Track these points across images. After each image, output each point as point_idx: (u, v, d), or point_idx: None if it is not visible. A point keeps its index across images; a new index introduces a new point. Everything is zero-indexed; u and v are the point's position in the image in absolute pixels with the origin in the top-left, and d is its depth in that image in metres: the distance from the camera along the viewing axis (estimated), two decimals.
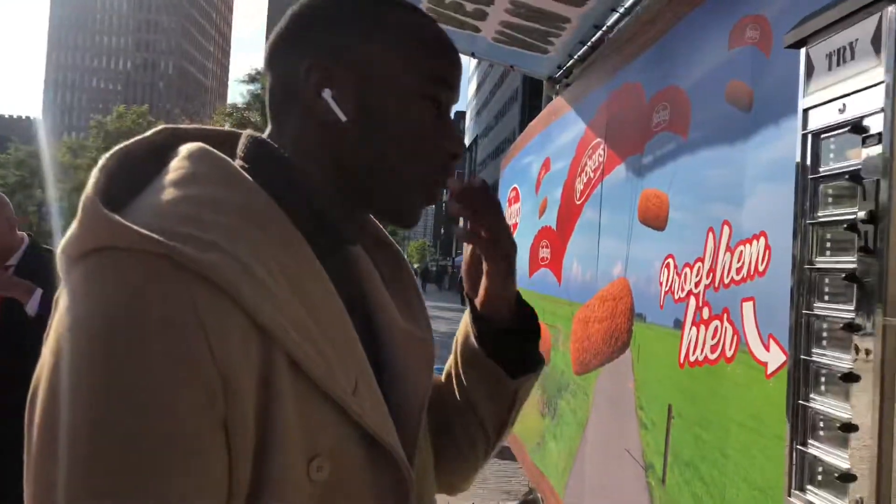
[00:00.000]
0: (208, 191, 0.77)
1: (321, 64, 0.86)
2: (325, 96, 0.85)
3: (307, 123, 0.87)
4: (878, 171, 1.73)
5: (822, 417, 1.96)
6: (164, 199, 0.75)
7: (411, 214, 0.90)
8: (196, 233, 0.71)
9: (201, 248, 0.69)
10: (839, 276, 1.86)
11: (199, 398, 0.65)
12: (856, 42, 1.87)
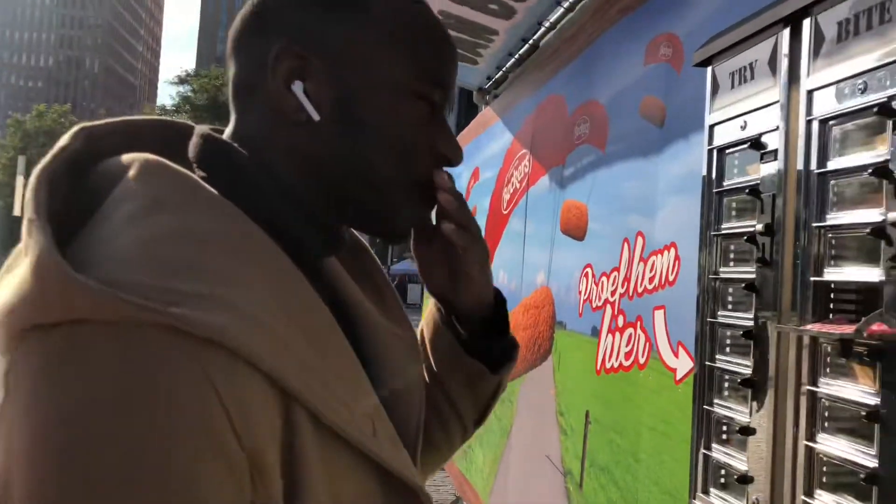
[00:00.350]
0: (183, 224, 0.64)
1: (292, 50, 0.73)
2: (296, 90, 0.73)
3: (274, 121, 0.75)
4: (775, 186, 1.82)
5: (725, 422, 2.04)
6: (134, 242, 0.61)
7: (400, 227, 0.80)
8: (190, 286, 0.59)
9: (204, 308, 0.58)
10: (740, 286, 1.94)
11: (228, 486, 0.57)
12: (755, 62, 1.97)
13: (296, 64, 0.74)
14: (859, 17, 1.59)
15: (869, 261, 1.55)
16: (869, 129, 1.58)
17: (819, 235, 1.68)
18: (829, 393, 1.62)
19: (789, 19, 1.81)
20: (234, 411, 0.57)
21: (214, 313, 0.58)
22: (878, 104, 1.48)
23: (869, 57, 1.54)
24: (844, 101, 1.61)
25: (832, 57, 1.66)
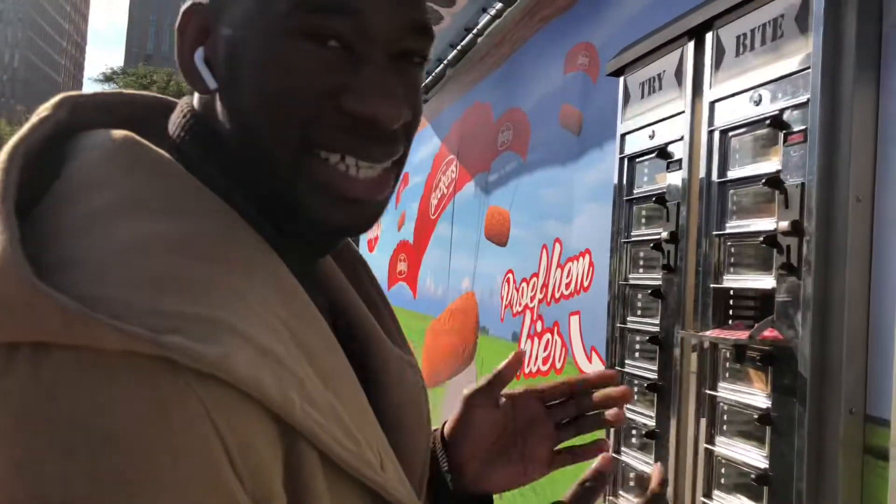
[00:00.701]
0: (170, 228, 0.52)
1: (193, 10, 0.62)
2: (196, 58, 0.61)
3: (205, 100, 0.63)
4: (679, 195, 1.87)
5: (634, 426, 2.08)
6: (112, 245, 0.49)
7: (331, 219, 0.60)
8: (186, 307, 0.48)
9: (204, 335, 0.48)
10: (648, 292, 1.98)
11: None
12: (663, 73, 2.02)
13: (198, 27, 0.62)
14: (755, 32, 1.64)
15: (764, 268, 1.60)
16: (764, 140, 1.63)
17: (719, 243, 1.72)
18: (727, 397, 1.66)
19: (693, 32, 1.86)
20: (235, 451, 0.48)
21: (217, 342, 0.48)
22: (771, 116, 1.54)
23: (764, 71, 1.60)
24: (742, 113, 1.66)
25: (732, 70, 1.72)
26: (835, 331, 1.39)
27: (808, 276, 1.41)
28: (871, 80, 1.38)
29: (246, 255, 0.55)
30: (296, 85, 0.56)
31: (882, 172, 1.37)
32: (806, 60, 1.47)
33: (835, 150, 1.41)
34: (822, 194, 1.41)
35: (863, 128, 1.38)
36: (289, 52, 0.56)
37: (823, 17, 1.42)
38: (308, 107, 0.56)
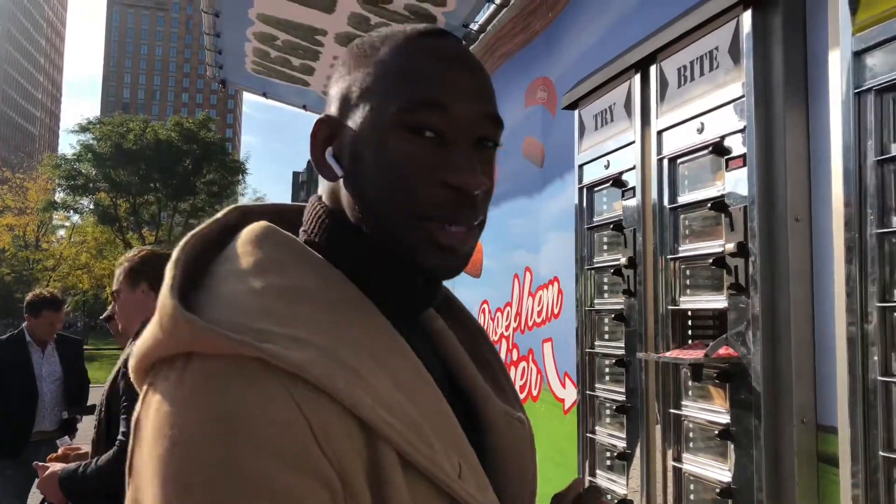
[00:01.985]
0: (282, 281, 0.70)
1: (324, 119, 0.77)
2: (327, 156, 0.76)
3: (329, 188, 0.79)
4: (635, 222, 1.94)
5: (608, 447, 2.12)
6: (238, 292, 0.69)
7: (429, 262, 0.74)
8: (281, 329, 0.65)
9: (291, 346, 0.64)
10: (612, 316, 2.04)
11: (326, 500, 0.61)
12: (614, 105, 2.10)
13: (327, 132, 0.77)
14: (694, 64, 1.73)
15: (717, 289, 1.67)
16: (709, 165, 1.71)
17: (674, 267, 1.79)
18: (690, 415, 1.71)
19: (639, 65, 1.95)
20: (320, 435, 0.62)
21: (300, 351, 0.64)
22: (712, 143, 1.61)
23: (704, 100, 1.68)
24: (687, 141, 1.74)
25: (675, 100, 1.80)
26: (783, 345, 1.45)
27: (756, 295, 1.47)
28: (801, 106, 1.46)
29: (339, 300, 0.72)
30: (405, 168, 0.72)
31: (816, 192, 1.44)
32: (741, 89, 1.55)
33: (772, 173, 1.48)
34: (764, 216, 1.48)
35: (796, 151, 1.46)
36: (398, 143, 0.72)
37: (753, 48, 1.51)
38: (415, 184, 0.72)
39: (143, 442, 0.65)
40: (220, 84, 5.51)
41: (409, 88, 0.73)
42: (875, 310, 1.23)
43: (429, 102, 0.72)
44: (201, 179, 39.71)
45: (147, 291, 2.26)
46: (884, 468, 1.22)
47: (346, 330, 0.69)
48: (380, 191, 0.73)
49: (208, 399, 0.62)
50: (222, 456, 0.60)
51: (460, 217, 0.74)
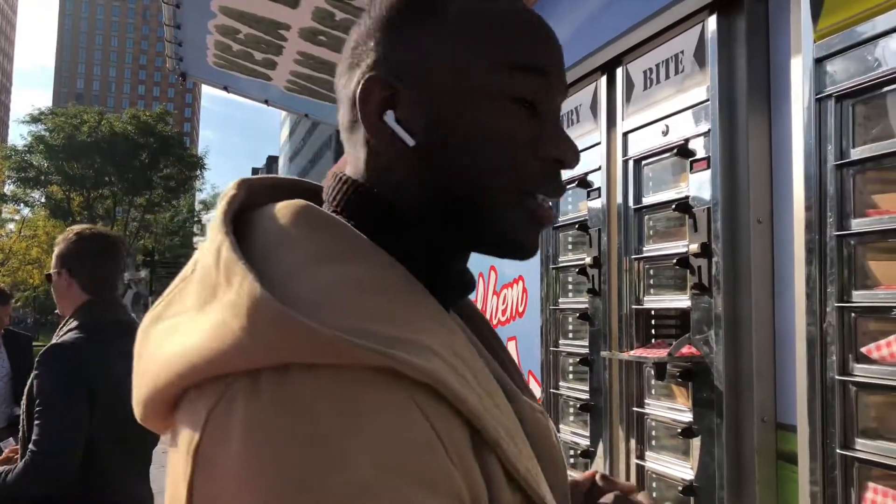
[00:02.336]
0: (356, 273, 0.61)
1: (377, 80, 0.68)
2: (388, 119, 0.67)
3: (377, 155, 0.70)
4: (600, 222, 1.96)
5: (571, 446, 2.14)
6: (318, 287, 0.58)
7: (526, 240, 0.70)
8: (395, 332, 0.56)
9: (415, 353, 0.56)
10: (576, 315, 2.05)
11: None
12: (580, 106, 2.12)
13: (385, 93, 0.68)
14: (660, 67, 1.75)
15: (681, 289, 1.69)
16: (673, 167, 1.74)
17: (638, 267, 1.81)
18: (653, 413, 1.74)
19: (605, 67, 1.97)
20: (451, 452, 0.56)
21: (426, 358, 0.56)
22: (677, 146, 1.64)
23: (669, 103, 1.70)
24: (652, 143, 1.76)
25: (641, 102, 1.82)
26: (745, 345, 1.47)
27: (719, 295, 1.49)
28: (763, 110, 1.49)
29: (411, 293, 0.64)
30: (506, 138, 0.67)
31: (778, 195, 1.47)
32: (706, 93, 1.57)
33: (735, 176, 1.51)
34: (727, 217, 1.51)
35: (758, 154, 1.49)
36: (496, 111, 0.66)
37: (717, 52, 1.53)
38: (518, 156, 0.67)
39: (223, 479, 0.53)
40: (180, 77, 5.41)
41: (508, 51, 0.67)
42: (834, 310, 1.26)
43: (531, 68, 0.68)
44: (158, 174, 38.96)
45: (68, 278, 2.06)
46: (840, 465, 1.25)
47: (437, 329, 0.61)
48: (475, 162, 0.67)
49: (334, 422, 0.52)
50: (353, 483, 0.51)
51: (559, 192, 0.70)
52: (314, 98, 5.55)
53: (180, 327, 0.61)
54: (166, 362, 0.59)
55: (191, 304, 0.62)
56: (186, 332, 0.59)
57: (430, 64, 0.68)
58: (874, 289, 1.23)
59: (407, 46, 0.68)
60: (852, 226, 1.25)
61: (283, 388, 0.53)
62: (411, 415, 0.54)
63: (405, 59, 0.68)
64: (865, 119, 1.27)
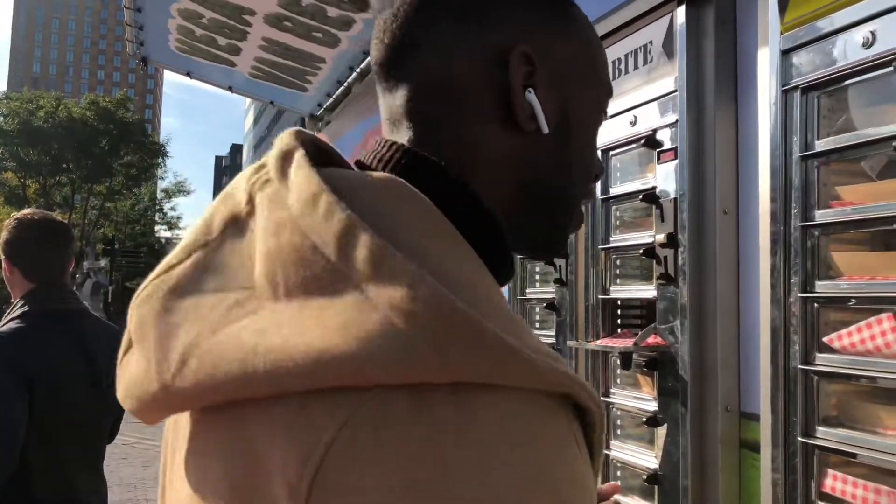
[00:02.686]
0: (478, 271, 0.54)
1: (528, 55, 0.64)
2: (531, 98, 0.64)
3: (497, 133, 0.65)
4: None
5: None
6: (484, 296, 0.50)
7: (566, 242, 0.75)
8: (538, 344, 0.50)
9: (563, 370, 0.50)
10: (543, 305, 2.06)
11: None
12: None
13: (527, 70, 0.64)
14: (629, 57, 1.75)
15: (647, 279, 1.70)
16: (641, 158, 1.74)
17: (605, 257, 1.82)
18: (619, 402, 1.75)
19: None
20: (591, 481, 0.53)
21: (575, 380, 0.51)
22: (645, 136, 1.64)
23: (638, 93, 1.70)
24: (620, 133, 1.76)
25: None
26: (710, 335, 1.49)
27: (684, 285, 1.50)
28: (730, 102, 1.50)
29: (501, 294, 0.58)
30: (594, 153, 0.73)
31: (744, 186, 1.48)
32: (674, 83, 1.58)
33: (702, 167, 1.52)
34: (693, 208, 1.52)
35: (725, 145, 1.50)
36: (597, 125, 0.72)
37: (685, 43, 1.54)
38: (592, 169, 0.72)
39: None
40: (141, 62, 5.28)
41: (608, 75, 0.73)
42: (797, 300, 1.28)
43: (611, 93, 0.73)
44: (118, 161, 38.13)
45: (9, 266, 2.00)
46: (801, 453, 1.27)
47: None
48: (576, 168, 0.69)
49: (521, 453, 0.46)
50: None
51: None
52: (279, 85, 5.47)
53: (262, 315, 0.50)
54: (244, 357, 0.48)
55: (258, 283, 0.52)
56: (285, 324, 0.49)
57: (566, 62, 0.67)
58: (836, 279, 1.25)
59: (547, 34, 0.67)
60: (816, 217, 1.27)
61: (460, 410, 0.46)
62: (573, 445, 0.50)
63: (545, 45, 0.66)
64: (830, 111, 1.28)
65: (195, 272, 0.56)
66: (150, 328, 0.55)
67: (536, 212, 0.68)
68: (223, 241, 0.56)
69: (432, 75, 0.65)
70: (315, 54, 4.76)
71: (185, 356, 0.51)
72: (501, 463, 0.45)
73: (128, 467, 7.93)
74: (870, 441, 1.17)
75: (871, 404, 1.23)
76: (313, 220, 0.51)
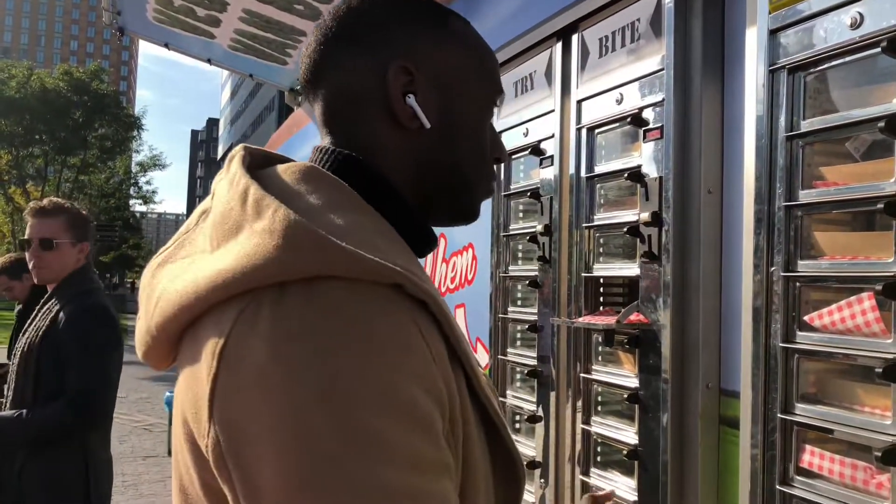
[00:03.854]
0: (363, 220, 0.73)
1: (406, 67, 0.81)
2: (411, 102, 0.81)
3: (388, 131, 0.83)
4: (552, 190, 1.96)
5: (517, 411, 2.16)
6: (343, 228, 0.69)
7: (479, 210, 0.91)
8: (400, 263, 0.68)
9: (416, 279, 0.69)
10: (526, 283, 2.06)
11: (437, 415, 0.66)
12: (534, 73, 2.10)
13: (407, 79, 0.81)
14: (616, 35, 1.74)
15: (630, 257, 1.71)
16: (626, 136, 1.74)
17: (589, 235, 1.82)
18: (600, 379, 1.76)
19: (560, 34, 1.95)
20: (437, 360, 0.67)
21: (426, 282, 0.70)
22: (631, 114, 1.64)
23: (624, 71, 1.70)
24: (606, 111, 1.76)
25: (596, 70, 1.81)
26: (692, 313, 1.50)
27: (668, 263, 1.51)
28: (717, 81, 1.50)
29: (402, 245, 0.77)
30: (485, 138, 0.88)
31: (728, 165, 1.49)
32: (661, 62, 1.58)
33: (688, 146, 1.52)
34: (678, 187, 1.52)
35: (710, 124, 1.50)
36: (487, 117, 0.88)
37: (673, 22, 1.53)
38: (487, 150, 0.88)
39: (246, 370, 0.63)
40: (118, 31, 5.16)
41: (495, 75, 0.89)
42: (780, 279, 1.29)
43: (501, 90, 0.90)
44: (93, 133, 37.44)
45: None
46: (780, 429, 1.29)
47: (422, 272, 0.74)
48: (466, 151, 0.85)
49: (343, 319, 0.64)
50: (358, 368, 0.62)
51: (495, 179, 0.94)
52: (259, 58, 5.39)
53: (197, 262, 0.73)
54: (186, 289, 0.70)
55: (205, 246, 0.74)
56: (209, 262, 0.70)
57: (446, 68, 0.84)
58: (819, 259, 1.26)
59: (427, 47, 0.83)
60: (800, 197, 1.28)
61: (309, 292, 0.64)
62: (407, 324, 0.66)
63: (425, 56, 0.83)
64: (816, 92, 1.29)
65: (175, 250, 0.80)
66: (145, 291, 0.79)
67: (438, 191, 0.85)
68: (197, 227, 0.80)
69: (337, 90, 0.84)
70: (296, 27, 4.69)
71: (158, 300, 0.75)
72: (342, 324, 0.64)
73: None
74: (847, 417, 1.19)
75: (848, 382, 1.25)
76: (231, 190, 0.74)
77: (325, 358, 0.62)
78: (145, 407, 10.23)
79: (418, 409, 0.64)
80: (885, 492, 1.11)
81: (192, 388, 0.68)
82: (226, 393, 0.64)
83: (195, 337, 0.70)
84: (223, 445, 0.63)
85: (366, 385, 0.62)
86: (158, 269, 0.78)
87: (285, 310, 0.64)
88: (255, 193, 0.71)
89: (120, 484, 6.34)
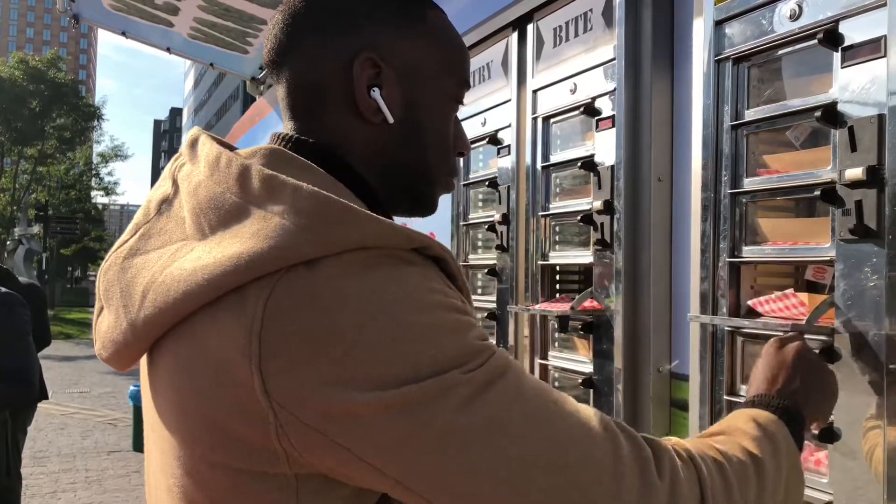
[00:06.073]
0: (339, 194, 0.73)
1: (372, 59, 0.80)
2: (375, 96, 0.80)
3: (352, 122, 0.82)
4: (510, 179, 1.98)
5: None
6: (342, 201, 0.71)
7: (436, 205, 0.92)
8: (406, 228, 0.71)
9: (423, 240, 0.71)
10: (485, 271, 2.08)
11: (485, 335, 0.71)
12: (491, 63, 2.11)
13: (373, 72, 0.80)
14: (570, 25, 1.76)
15: (585, 245, 1.74)
16: (580, 126, 1.76)
17: (545, 223, 1.84)
18: (557, 365, 1.79)
19: (516, 24, 1.97)
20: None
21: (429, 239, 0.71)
22: (584, 104, 1.66)
23: (578, 61, 1.72)
24: (560, 101, 1.78)
25: (551, 60, 1.83)
26: (643, 299, 1.53)
27: (619, 251, 1.54)
28: (666, 71, 1.53)
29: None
30: (449, 132, 0.88)
31: (678, 154, 1.52)
32: (612, 52, 1.60)
33: (638, 135, 1.55)
34: (629, 175, 1.55)
35: (660, 114, 1.53)
36: (451, 111, 0.88)
37: (624, 12, 1.56)
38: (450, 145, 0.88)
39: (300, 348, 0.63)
40: (72, 19, 5.05)
41: (463, 68, 0.88)
42: (725, 265, 1.33)
43: (467, 84, 0.89)
44: (51, 123, 36.55)
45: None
46: (727, 410, 1.33)
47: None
48: (430, 146, 0.85)
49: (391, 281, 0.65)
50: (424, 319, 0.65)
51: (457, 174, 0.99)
52: (220, 47, 5.31)
53: (188, 250, 0.70)
54: (194, 276, 0.66)
55: (189, 233, 0.72)
56: (209, 248, 0.68)
57: (413, 61, 0.82)
58: (762, 245, 1.30)
59: (395, 39, 0.81)
60: (745, 184, 1.31)
61: (343, 263, 0.65)
62: (436, 276, 0.70)
63: (393, 50, 0.81)
64: (759, 82, 1.32)
65: (141, 240, 0.76)
66: (114, 287, 0.74)
67: (400, 182, 0.85)
68: (159, 216, 0.76)
69: (301, 76, 0.82)
70: (255, 15, 4.63)
71: (146, 292, 0.70)
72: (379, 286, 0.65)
73: (66, 437, 7.77)
74: None
75: None
76: (219, 173, 0.71)
77: (390, 316, 0.64)
78: (109, 402, 10.09)
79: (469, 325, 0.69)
80: (822, 468, 1.15)
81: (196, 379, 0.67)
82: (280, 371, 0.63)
83: (192, 329, 0.68)
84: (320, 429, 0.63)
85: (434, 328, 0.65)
86: (126, 261, 0.75)
87: (322, 281, 0.64)
88: (261, 173, 0.69)
89: (84, 479, 6.26)
